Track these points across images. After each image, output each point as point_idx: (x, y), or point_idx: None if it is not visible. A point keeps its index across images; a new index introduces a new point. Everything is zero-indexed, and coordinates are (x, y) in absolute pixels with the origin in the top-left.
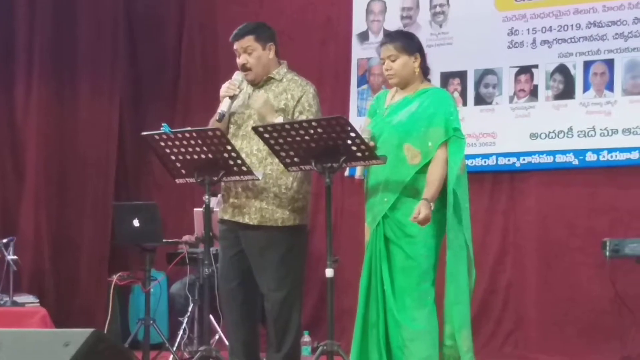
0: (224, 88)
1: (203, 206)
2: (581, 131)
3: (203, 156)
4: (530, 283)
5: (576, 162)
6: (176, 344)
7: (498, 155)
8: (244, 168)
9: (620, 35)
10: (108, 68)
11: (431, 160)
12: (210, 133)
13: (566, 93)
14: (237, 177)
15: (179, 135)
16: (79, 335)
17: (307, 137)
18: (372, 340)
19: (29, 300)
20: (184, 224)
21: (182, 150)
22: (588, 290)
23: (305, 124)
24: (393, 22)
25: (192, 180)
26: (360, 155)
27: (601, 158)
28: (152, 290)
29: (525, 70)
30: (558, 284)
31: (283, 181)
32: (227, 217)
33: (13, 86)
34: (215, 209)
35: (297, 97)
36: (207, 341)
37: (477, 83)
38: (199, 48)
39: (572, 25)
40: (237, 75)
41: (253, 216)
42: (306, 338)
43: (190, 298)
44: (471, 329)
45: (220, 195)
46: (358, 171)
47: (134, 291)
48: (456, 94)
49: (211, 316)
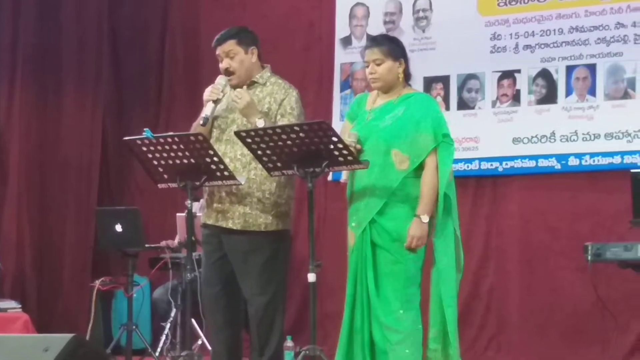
0: (207, 92)
1: (185, 211)
2: (563, 136)
3: (185, 161)
4: (512, 287)
5: (558, 167)
6: (159, 349)
7: (481, 159)
8: (226, 173)
9: (602, 40)
10: (91, 73)
11: (419, 165)
12: (192, 138)
13: (549, 98)
14: (220, 182)
15: (161, 140)
16: (59, 340)
17: (290, 142)
18: (357, 345)
19: (11, 305)
20: (167, 229)
21: (165, 155)
22: (570, 294)
23: (287, 129)
24: (376, 27)
25: (175, 185)
26: (342, 160)
27: (583, 162)
28: (135, 295)
29: (507, 75)
30: (540, 288)
31: (267, 186)
32: (211, 222)
33: None
34: (197, 214)
35: (280, 100)
36: (190, 346)
37: (460, 88)
38: (182, 54)
39: (555, 30)
40: (221, 79)
41: (236, 221)
42: (289, 343)
43: (172, 303)
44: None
45: (202, 200)
46: (344, 175)
47: (117, 296)
48: (439, 99)
49: (194, 321)
